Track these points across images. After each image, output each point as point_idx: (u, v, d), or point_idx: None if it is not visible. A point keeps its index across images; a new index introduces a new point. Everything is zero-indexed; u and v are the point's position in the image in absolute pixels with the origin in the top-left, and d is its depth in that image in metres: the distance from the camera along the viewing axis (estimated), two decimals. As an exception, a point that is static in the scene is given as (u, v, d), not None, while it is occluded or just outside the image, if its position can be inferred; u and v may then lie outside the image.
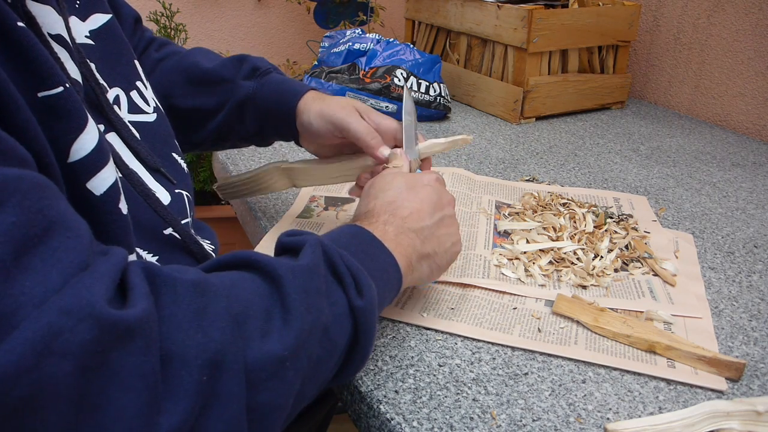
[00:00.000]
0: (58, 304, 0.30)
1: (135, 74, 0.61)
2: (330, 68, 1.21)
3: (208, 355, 0.35)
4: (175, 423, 0.33)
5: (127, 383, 0.31)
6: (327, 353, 0.44)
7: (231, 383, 0.36)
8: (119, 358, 0.31)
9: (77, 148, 0.42)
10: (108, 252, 0.36)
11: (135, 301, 0.33)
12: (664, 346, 0.59)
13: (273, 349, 0.38)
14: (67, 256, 0.32)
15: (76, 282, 0.31)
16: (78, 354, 0.30)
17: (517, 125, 1.24)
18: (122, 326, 0.31)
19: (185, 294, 0.36)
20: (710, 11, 1.28)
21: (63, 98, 0.41)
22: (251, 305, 0.39)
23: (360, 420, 0.56)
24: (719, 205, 0.92)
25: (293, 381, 0.40)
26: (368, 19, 1.76)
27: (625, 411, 0.53)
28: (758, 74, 1.22)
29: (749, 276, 0.74)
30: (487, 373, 0.57)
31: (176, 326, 0.35)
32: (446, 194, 0.63)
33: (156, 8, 1.61)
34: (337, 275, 0.46)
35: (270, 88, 0.73)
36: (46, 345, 0.29)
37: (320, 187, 0.91)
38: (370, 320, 0.47)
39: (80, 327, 0.30)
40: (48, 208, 0.33)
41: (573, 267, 0.72)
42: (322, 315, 0.43)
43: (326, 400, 0.96)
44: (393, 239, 0.55)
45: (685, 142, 1.18)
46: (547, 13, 1.17)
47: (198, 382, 0.34)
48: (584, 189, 0.95)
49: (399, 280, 0.54)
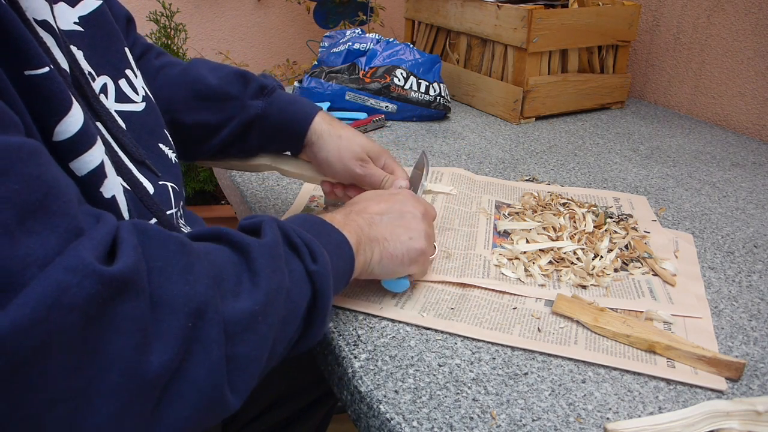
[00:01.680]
0: (63, 264, 0.33)
1: (125, 62, 0.60)
2: (330, 68, 1.21)
3: (194, 305, 0.39)
4: (164, 361, 0.36)
5: (122, 328, 0.35)
6: (291, 314, 0.48)
7: (212, 331, 0.39)
8: (115, 308, 0.35)
9: (60, 130, 0.43)
10: (101, 218, 0.39)
11: (125, 255, 0.36)
12: (663, 345, 0.59)
13: (245, 306, 0.42)
14: (63, 221, 0.35)
15: (74, 246, 0.34)
16: (83, 306, 0.33)
17: (517, 125, 1.24)
18: (119, 279, 0.35)
19: (174, 250, 0.40)
20: (710, 11, 1.28)
21: (48, 79, 0.42)
22: (224, 269, 0.44)
23: (360, 420, 0.56)
24: (719, 205, 0.92)
25: (265, 335, 0.44)
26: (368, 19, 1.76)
27: (625, 411, 0.53)
28: (758, 74, 1.22)
29: (749, 276, 0.74)
30: (487, 372, 0.57)
31: (166, 278, 0.38)
32: (415, 202, 0.65)
33: (156, 8, 1.61)
34: (293, 246, 0.50)
35: (279, 108, 0.74)
36: (56, 299, 0.32)
37: (320, 187, 0.91)
38: (326, 283, 0.50)
39: (84, 283, 0.33)
40: (45, 173, 0.36)
41: (573, 267, 0.72)
42: (285, 278, 0.47)
43: (326, 400, 0.96)
44: (340, 221, 0.59)
45: (684, 142, 1.18)
46: (547, 13, 1.17)
47: (184, 327, 0.38)
48: (584, 189, 0.95)
49: (351, 255, 0.56)
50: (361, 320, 0.63)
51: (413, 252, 0.62)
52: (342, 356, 0.59)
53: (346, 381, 0.58)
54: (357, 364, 0.57)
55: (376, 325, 0.63)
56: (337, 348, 0.60)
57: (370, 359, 0.58)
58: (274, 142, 0.76)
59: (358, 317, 0.64)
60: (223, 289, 0.42)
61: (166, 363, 0.36)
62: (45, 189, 0.35)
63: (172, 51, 1.61)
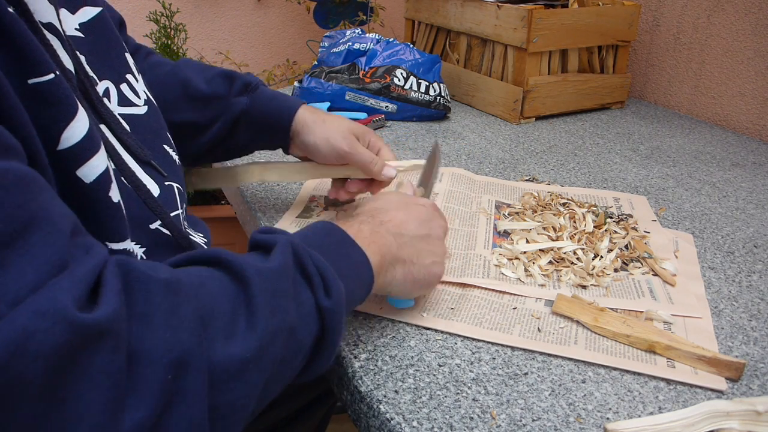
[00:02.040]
0: (32, 307, 0.30)
1: (125, 67, 0.61)
2: (330, 68, 1.21)
3: (174, 354, 0.36)
4: (139, 419, 0.34)
5: (94, 381, 0.32)
6: (292, 353, 0.45)
7: (195, 383, 0.36)
8: (88, 358, 0.32)
9: (67, 136, 0.42)
10: (90, 251, 0.36)
11: (106, 301, 0.34)
12: (663, 345, 0.59)
13: (236, 351, 0.39)
14: (44, 252, 0.33)
15: (52, 284, 0.32)
16: (49, 355, 0.30)
17: (516, 125, 1.24)
18: (94, 329, 0.32)
19: (157, 293, 0.37)
20: (710, 11, 1.28)
21: (54, 85, 0.41)
22: (217, 306, 0.40)
23: (360, 420, 0.56)
24: (719, 205, 0.92)
25: (256, 382, 0.41)
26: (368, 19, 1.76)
27: (625, 411, 0.53)
28: (758, 74, 1.22)
29: (749, 276, 0.74)
30: (487, 372, 0.57)
31: (146, 325, 0.35)
32: (439, 219, 0.64)
33: (156, 8, 1.61)
34: (306, 275, 0.47)
35: (263, 102, 0.75)
36: (20, 345, 0.29)
37: (320, 187, 0.91)
38: (337, 320, 0.47)
39: (53, 330, 0.30)
40: (30, 201, 0.34)
41: (573, 267, 0.72)
42: (287, 317, 0.44)
43: (326, 400, 0.96)
44: (367, 237, 0.55)
45: (684, 142, 1.18)
46: (547, 13, 1.17)
47: (163, 380, 0.35)
48: (584, 189, 0.95)
49: (371, 278, 0.54)
50: (361, 320, 0.63)
51: (432, 277, 0.61)
52: (342, 356, 0.59)
53: (346, 381, 0.58)
54: (357, 364, 0.57)
55: (376, 325, 0.63)
56: (336, 352, 0.60)
57: (370, 359, 0.58)
58: (261, 136, 0.77)
59: (358, 317, 0.64)
60: (212, 331, 0.39)
61: (141, 421, 0.34)
62: (27, 218, 0.33)
63: (172, 51, 1.61)
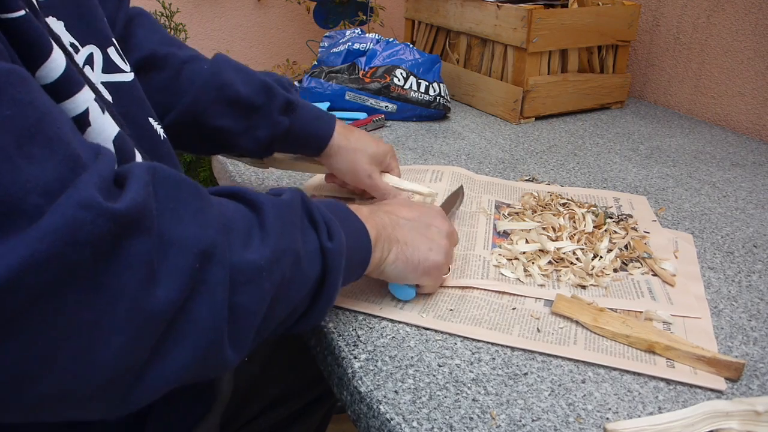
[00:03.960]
0: (76, 199, 0.33)
1: (110, 32, 0.58)
2: (330, 68, 1.21)
3: (203, 246, 0.39)
4: (170, 298, 0.37)
5: (130, 264, 0.35)
6: (298, 280, 0.49)
7: (218, 275, 0.40)
8: (125, 243, 0.35)
9: (43, 75, 0.42)
10: (99, 152, 0.38)
11: (134, 190, 0.37)
12: (663, 346, 0.59)
13: (252, 257, 0.43)
14: (60, 147, 0.35)
15: (85, 179, 0.35)
16: (96, 243, 0.33)
17: (516, 125, 1.24)
18: (128, 216, 0.35)
19: (188, 192, 0.41)
20: (710, 11, 1.28)
21: (25, 23, 0.40)
22: (235, 220, 0.45)
23: (360, 420, 0.56)
24: (719, 205, 0.92)
25: (267, 292, 0.44)
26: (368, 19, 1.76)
27: (625, 411, 0.53)
28: (758, 74, 1.22)
29: (749, 276, 0.74)
30: (487, 373, 0.57)
31: (177, 219, 0.39)
32: (445, 222, 0.66)
33: (156, 8, 1.61)
34: (313, 221, 0.52)
35: (302, 124, 0.80)
36: (72, 235, 0.32)
37: (321, 186, 0.91)
38: (338, 262, 0.51)
39: (98, 220, 0.34)
40: (37, 99, 0.35)
41: (572, 267, 0.72)
42: (294, 243, 0.48)
43: (325, 400, 0.96)
44: (365, 215, 0.59)
45: (684, 142, 1.18)
46: (547, 12, 1.17)
47: (192, 267, 0.38)
48: (584, 189, 0.95)
49: (368, 246, 0.57)
50: (361, 320, 0.63)
51: (429, 263, 0.62)
52: (342, 357, 0.59)
53: (345, 381, 0.58)
54: (357, 365, 0.57)
55: (375, 326, 0.63)
56: (337, 348, 0.60)
57: (370, 360, 0.58)
58: (293, 150, 0.83)
59: (358, 317, 0.64)
60: (232, 238, 0.43)
61: (172, 300, 0.37)
62: (38, 114, 0.35)
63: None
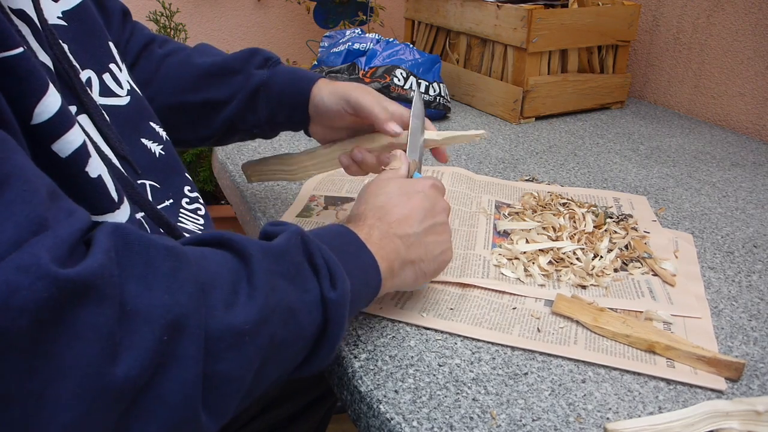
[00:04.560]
0: (15, 262, 0.31)
1: (108, 56, 0.60)
2: (330, 68, 1.21)
3: (172, 316, 0.36)
4: (131, 375, 0.34)
5: (80, 334, 0.33)
6: (293, 337, 0.45)
7: (190, 347, 0.37)
8: (73, 312, 0.33)
9: (40, 111, 0.42)
10: (73, 214, 0.37)
11: (91, 256, 0.34)
12: (663, 346, 0.59)
13: (234, 321, 0.40)
14: (22, 209, 0.33)
15: (34, 242, 0.32)
16: (34, 310, 0.31)
17: (516, 125, 1.24)
18: (78, 282, 0.33)
19: (157, 256, 0.37)
20: (710, 11, 1.28)
21: (23, 60, 0.40)
22: (219, 277, 0.41)
23: (360, 420, 0.56)
24: (719, 205, 0.92)
25: (252, 357, 0.41)
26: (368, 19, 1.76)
27: (625, 411, 0.53)
28: (758, 74, 1.22)
29: (749, 276, 0.74)
30: (487, 372, 0.57)
31: (144, 286, 0.36)
32: (441, 201, 0.64)
33: (156, 8, 1.61)
34: (314, 265, 0.48)
35: (283, 75, 0.75)
36: (4, 301, 0.30)
37: (320, 186, 0.91)
38: (341, 313, 0.48)
39: (37, 285, 0.31)
40: (4, 161, 0.34)
41: (572, 267, 0.72)
42: (287, 297, 0.44)
43: (325, 400, 0.96)
44: (377, 243, 0.56)
45: (684, 142, 1.18)
46: (547, 12, 1.17)
47: (159, 340, 0.35)
48: (584, 189, 0.95)
49: (378, 282, 0.55)
50: (361, 320, 0.63)
51: (443, 264, 0.63)
52: (342, 356, 0.59)
53: (345, 381, 0.58)
54: (357, 364, 0.57)
55: (376, 325, 0.63)
56: (337, 348, 0.60)
57: (370, 359, 0.58)
58: (282, 109, 0.75)
59: (358, 317, 0.64)
60: (212, 299, 0.39)
61: (134, 376, 0.34)
62: (1, 176, 0.33)
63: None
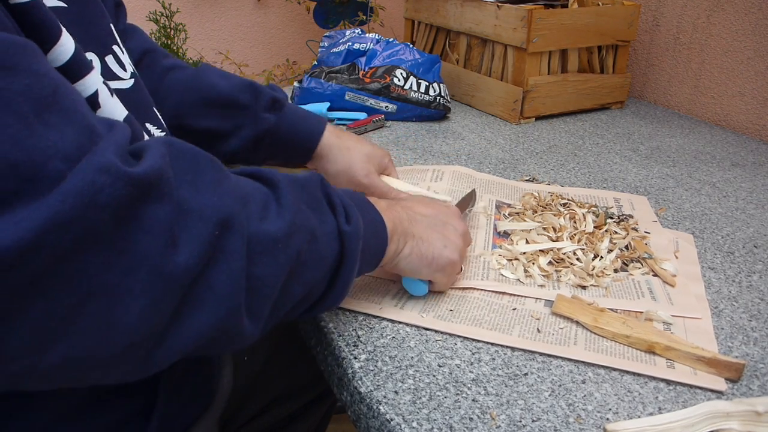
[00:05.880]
0: (95, 163, 0.34)
1: (111, 38, 0.60)
2: (329, 68, 1.21)
3: (221, 215, 0.40)
4: (189, 263, 0.38)
5: (150, 228, 0.36)
6: (315, 259, 0.49)
7: (236, 244, 0.41)
8: (142, 209, 0.36)
9: (52, 59, 0.43)
10: (114, 125, 0.40)
11: (150, 159, 0.38)
12: (663, 346, 0.59)
13: (269, 229, 0.44)
14: (77, 116, 0.36)
15: (103, 146, 0.36)
16: (115, 206, 0.34)
17: (516, 125, 1.24)
18: (146, 181, 0.36)
19: (204, 165, 0.42)
20: (710, 11, 1.28)
21: (34, 7, 0.42)
22: (253, 194, 0.45)
23: (359, 421, 0.56)
24: (719, 205, 0.92)
25: (283, 265, 0.45)
26: (368, 19, 1.76)
27: (625, 411, 0.53)
28: (758, 74, 1.22)
29: (749, 276, 0.74)
30: (487, 373, 0.57)
31: (195, 189, 0.40)
32: (461, 223, 0.67)
33: (156, 8, 1.61)
34: (331, 203, 0.52)
35: (290, 122, 0.78)
36: (92, 198, 0.33)
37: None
38: (355, 246, 0.52)
39: (117, 184, 0.35)
40: (51, 71, 0.37)
41: (573, 267, 0.72)
42: (310, 221, 0.48)
43: (325, 399, 0.96)
44: (383, 208, 0.60)
45: (684, 142, 1.18)
46: (547, 13, 1.17)
47: (210, 234, 0.39)
48: (584, 189, 0.95)
49: (384, 237, 0.58)
50: (361, 321, 0.63)
51: (443, 259, 0.62)
52: (342, 357, 0.59)
53: (345, 382, 0.58)
54: (357, 365, 0.57)
55: (376, 326, 0.63)
56: (337, 348, 0.60)
57: (370, 360, 0.58)
58: (283, 154, 0.80)
59: (358, 318, 0.64)
60: (249, 209, 0.43)
61: (191, 266, 0.38)
62: (54, 85, 0.36)
63: (172, 51, 1.61)
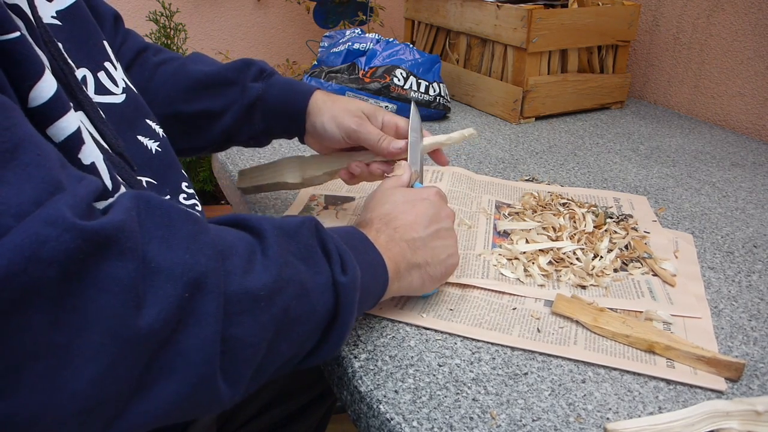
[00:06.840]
0: (42, 216, 0.32)
1: (103, 55, 0.60)
2: (329, 68, 1.21)
3: (193, 275, 0.38)
4: (154, 327, 0.35)
5: (104, 287, 0.34)
6: (305, 315, 0.46)
7: (211, 305, 0.38)
8: (97, 265, 0.34)
9: (35, 96, 0.42)
10: (83, 179, 0.38)
11: (113, 214, 0.36)
12: (663, 346, 0.59)
13: (251, 285, 0.41)
14: (39, 171, 0.34)
15: (55, 200, 0.34)
16: (62, 261, 0.32)
17: (516, 125, 1.24)
18: (102, 235, 0.34)
19: (178, 219, 0.39)
20: (710, 11, 1.28)
21: (19, 44, 0.41)
22: (235, 246, 0.43)
23: (360, 420, 0.56)
24: (719, 205, 0.92)
25: (267, 325, 0.42)
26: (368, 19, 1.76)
27: (625, 411, 0.53)
28: (758, 74, 1.22)
29: (749, 276, 0.74)
30: (487, 373, 0.57)
31: (166, 246, 0.38)
32: (445, 208, 0.66)
33: (156, 8, 1.61)
34: (326, 250, 0.49)
35: (278, 88, 0.75)
36: (34, 252, 0.31)
37: (320, 186, 0.91)
38: (352, 298, 0.49)
39: (64, 236, 0.32)
40: (16, 126, 0.35)
41: (572, 267, 0.72)
42: (300, 274, 0.46)
43: (325, 399, 0.96)
44: (383, 245, 0.57)
45: (684, 142, 1.18)
46: (547, 12, 1.17)
47: (180, 296, 0.37)
48: (584, 189, 0.95)
49: (385, 280, 0.56)
50: (361, 320, 0.63)
51: (450, 269, 0.64)
52: (342, 356, 0.59)
53: (345, 381, 0.58)
54: (357, 364, 0.57)
55: (375, 325, 0.63)
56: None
57: (370, 359, 0.58)
58: (278, 122, 0.76)
59: (358, 317, 0.64)
60: (230, 264, 0.41)
61: (157, 329, 0.35)
62: (16, 140, 0.34)
63: (172, 51, 1.61)
